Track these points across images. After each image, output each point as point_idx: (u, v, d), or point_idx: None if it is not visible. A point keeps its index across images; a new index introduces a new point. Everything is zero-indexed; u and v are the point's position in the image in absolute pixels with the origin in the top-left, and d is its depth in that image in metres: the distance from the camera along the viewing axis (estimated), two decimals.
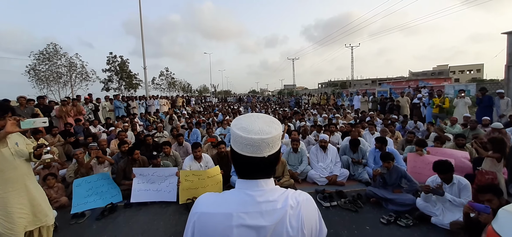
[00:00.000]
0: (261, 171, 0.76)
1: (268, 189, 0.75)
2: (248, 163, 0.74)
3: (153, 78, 32.05)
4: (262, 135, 0.72)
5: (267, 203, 0.72)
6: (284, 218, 0.71)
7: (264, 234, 0.70)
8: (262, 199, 0.73)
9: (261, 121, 0.77)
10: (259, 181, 0.75)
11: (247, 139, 0.72)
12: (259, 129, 0.73)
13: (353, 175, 4.54)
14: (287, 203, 0.73)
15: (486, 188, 2.46)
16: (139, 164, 4.23)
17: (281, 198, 0.74)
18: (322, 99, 18.35)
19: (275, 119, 0.81)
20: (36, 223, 2.16)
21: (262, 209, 0.72)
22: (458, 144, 4.50)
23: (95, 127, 7.47)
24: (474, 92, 15.84)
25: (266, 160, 0.74)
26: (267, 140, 0.72)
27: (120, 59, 22.56)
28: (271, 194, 0.75)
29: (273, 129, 0.75)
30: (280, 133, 0.77)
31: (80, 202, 3.65)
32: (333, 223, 3.09)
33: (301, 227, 0.73)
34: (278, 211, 0.72)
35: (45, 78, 16.83)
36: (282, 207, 0.72)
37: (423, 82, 26.57)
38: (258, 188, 0.74)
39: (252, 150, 0.72)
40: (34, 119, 2.06)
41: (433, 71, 50.98)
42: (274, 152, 0.76)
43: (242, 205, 0.72)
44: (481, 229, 2.23)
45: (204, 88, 56.91)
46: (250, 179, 0.76)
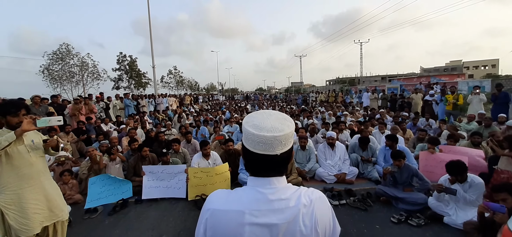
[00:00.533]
0: (273, 169, 0.75)
1: (281, 187, 0.74)
2: (260, 161, 0.73)
3: (162, 76, 32.54)
4: (274, 132, 0.71)
5: (279, 201, 0.71)
6: (297, 216, 0.71)
7: (276, 232, 0.70)
8: (275, 197, 0.72)
9: (273, 118, 0.76)
10: (271, 179, 0.74)
11: (259, 136, 0.71)
12: (271, 126, 0.72)
13: (363, 173, 4.48)
14: (300, 201, 0.72)
15: (501, 187, 2.38)
16: (148, 161, 4.31)
17: (294, 196, 0.73)
18: (331, 97, 18.14)
19: (288, 116, 0.80)
20: (53, 218, 2.23)
21: (274, 207, 0.71)
22: (474, 142, 4.36)
23: (106, 125, 7.65)
24: (489, 88, 15.30)
25: (278, 158, 0.73)
26: (280, 138, 0.72)
27: (130, 59, 22.98)
28: (283, 192, 0.74)
29: (286, 126, 0.74)
30: (292, 130, 0.76)
31: (94, 198, 3.77)
32: (342, 222, 3.05)
33: (315, 225, 0.72)
34: (291, 209, 0.71)
35: (59, 77, 17.34)
36: (295, 206, 0.71)
37: (435, 78, 25.80)
38: (271, 186, 0.73)
39: (265, 147, 0.72)
40: (50, 117, 2.12)
41: (445, 67, 49.44)
42: (286, 150, 0.75)
43: (255, 203, 0.71)
44: (496, 230, 2.17)
45: (211, 86, 57.28)
46: (262, 176, 0.75)
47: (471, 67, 48.48)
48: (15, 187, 2.03)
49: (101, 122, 7.59)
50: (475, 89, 7.56)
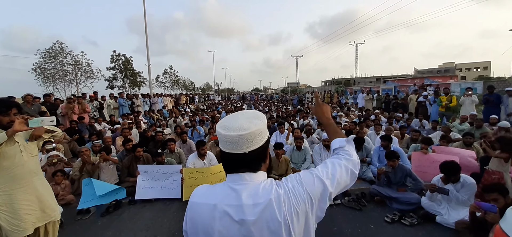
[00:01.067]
0: (244, 166, 0.76)
1: (252, 183, 0.76)
2: (230, 159, 0.77)
3: (157, 76, 32.27)
4: (239, 131, 0.73)
5: (248, 198, 0.73)
6: (266, 211, 0.71)
7: (245, 227, 0.71)
8: (245, 194, 0.74)
9: (243, 117, 0.78)
10: (243, 174, 0.76)
11: (225, 136, 0.75)
12: (238, 126, 0.74)
13: None
14: (269, 196, 0.72)
15: (492, 188, 2.43)
16: (143, 161, 4.27)
17: (264, 192, 0.74)
18: (326, 97, 18.25)
19: (260, 114, 0.82)
20: (45, 218, 2.18)
21: (243, 203, 0.72)
22: (466, 142, 4.44)
23: (100, 125, 7.55)
24: (481, 90, 15.60)
25: (247, 157, 0.75)
26: (245, 136, 0.73)
27: (124, 58, 22.73)
28: (254, 188, 0.75)
29: (253, 125, 0.75)
30: (260, 128, 0.76)
31: (87, 200, 3.72)
32: (336, 221, 3.08)
33: (285, 218, 0.71)
34: (259, 206, 0.72)
35: (51, 76, 17.06)
36: (263, 202, 0.72)
37: (428, 80, 26.23)
38: (242, 182, 0.76)
39: (232, 146, 0.75)
40: (42, 118, 2.08)
41: (439, 68, 50.24)
42: (255, 148, 0.76)
43: (226, 198, 0.74)
44: (487, 229, 2.20)
45: (207, 86, 57.08)
46: (234, 173, 0.78)
47: (463, 69, 49.36)
48: (6, 188, 1.99)
49: (94, 122, 7.48)
50: (468, 90, 7.70)
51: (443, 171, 2.97)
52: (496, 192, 2.34)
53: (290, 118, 8.69)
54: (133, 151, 4.32)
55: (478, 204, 2.33)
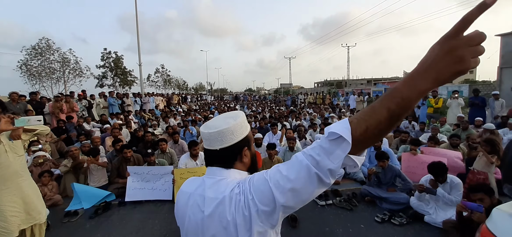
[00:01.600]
0: (216, 162, 0.81)
1: (219, 178, 0.78)
2: (206, 155, 0.84)
3: (149, 75, 31.78)
4: (210, 129, 0.79)
5: (210, 190, 0.76)
6: (218, 208, 0.71)
7: (204, 218, 0.74)
8: (209, 186, 0.78)
9: (222, 117, 0.84)
10: (214, 168, 0.82)
11: (203, 134, 0.82)
12: (213, 124, 0.81)
13: (348, 174, 4.57)
14: (224, 194, 0.71)
15: (478, 188, 2.51)
16: (133, 162, 4.18)
17: (224, 188, 0.73)
18: (318, 99, 18.43)
19: (238, 113, 0.85)
20: (30, 221, 2.12)
21: (206, 195, 0.76)
22: (452, 144, 4.57)
23: (89, 124, 7.36)
24: (467, 93, 16.13)
25: (218, 153, 0.80)
26: (214, 134, 0.79)
27: (115, 55, 22.27)
28: (219, 183, 0.77)
29: (224, 123, 0.79)
30: (231, 128, 0.78)
31: (77, 202, 3.62)
32: (328, 221, 3.11)
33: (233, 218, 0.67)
34: (216, 200, 0.72)
35: (38, 73, 16.51)
36: (220, 198, 0.72)
37: None
38: (212, 176, 0.81)
39: (207, 143, 0.81)
40: (29, 117, 2.01)
41: None
42: (227, 145, 0.78)
43: (199, 188, 0.80)
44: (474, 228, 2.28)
45: (200, 86, 56.66)
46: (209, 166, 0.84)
47: None
48: None
49: (83, 121, 7.29)
50: (454, 93, 7.95)
51: (431, 172, 3.05)
52: (482, 192, 2.42)
53: (283, 119, 8.73)
54: (120, 152, 4.23)
55: (465, 204, 2.40)
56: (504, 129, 5.66)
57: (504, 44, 16.20)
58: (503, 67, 15.90)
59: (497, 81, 16.65)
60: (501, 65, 16.13)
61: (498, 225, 1.21)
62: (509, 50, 15.84)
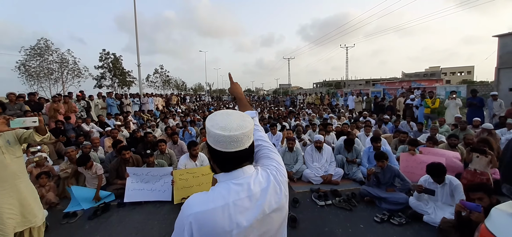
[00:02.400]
0: (246, 160, 0.84)
1: (252, 173, 0.85)
2: (234, 157, 0.82)
3: (148, 75, 31.72)
4: (242, 130, 0.80)
5: (255, 185, 0.81)
6: (271, 192, 0.83)
7: (260, 211, 0.80)
8: (251, 183, 0.81)
9: (234, 117, 0.84)
10: (244, 168, 0.84)
11: (230, 137, 0.79)
12: (237, 125, 0.81)
13: (348, 174, 4.58)
14: (270, 179, 0.85)
15: (477, 187, 2.52)
16: (132, 163, 4.17)
17: (263, 177, 0.85)
18: (316, 99, 18.44)
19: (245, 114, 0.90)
20: (25, 224, 2.10)
21: (253, 192, 0.80)
22: (451, 144, 4.59)
23: (88, 125, 7.33)
24: (465, 94, 16.21)
25: (247, 151, 0.83)
26: (247, 133, 0.81)
27: (113, 56, 22.22)
28: (256, 176, 0.84)
29: (247, 122, 0.84)
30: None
31: (76, 203, 3.60)
32: (328, 221, 3.11)
33: (282, 189, 0.86)
34: (266, 189, 0.82)
35: (36, 74, 16.46)
36: (267, 185, 0.83)
37: (415, 83, 27.02)
38: (245, 175, 0.83)
39: (237, 145, 0.80)
40: (25, 118, 2.00)
41: (425, 72, 51.87)
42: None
43: (235, 194, 0.79)
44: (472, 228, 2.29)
45: (199, 86, 56.58)
46: (234, 170, 0.83)
47: (448, 73, 51.18)
48: None
49: (82, 122, 7.26)
50: (452, 94, 7.99)
51: (429, 173, 3.06)
52: (482, 192, 2.43)
53: (282, 119, 8.74)
54: (119, 153, 4.20)
55: (464, 203, 2.41)
56: (502, 129, 5.70)
57: (502, 45, 16.30)
58: (500, 68, 15.99)
59: (494, 81, 16.75)
60: (498, 65, 16.22)
61: (497, 225, 1.22)
62: (506, 51, 15.94)
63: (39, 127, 2.09)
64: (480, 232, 1.28)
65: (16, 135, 2.09)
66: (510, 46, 15.78)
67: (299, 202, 3.59)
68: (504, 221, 1.22)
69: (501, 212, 1.26)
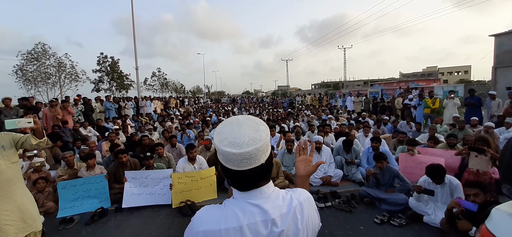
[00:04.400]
0: (262, 178, 0.73)
1: (271, 194, 0.74)
2: (248, 175, 0.70)
3: (145, 79, 31.66)
4: (255, 144, 0.68)
5: (274, 209, 0.71)
6: (292, 220, 0.71)
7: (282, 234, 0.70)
8: (269, 206, 0.71)
9: (246, 127, 0.72)
10: (262, 188, 0.73)
11: (241, 154, 0.67)
12: (249, 138, 0.69)
13: (347, 175, 4.57)
14: (292, 205, 0.73)
15: (473, 184, 2.52)
16: (130, 167, 4.13)
17: (285, 201, 0.74)
18: (314, 100, 18.44)
19: (259, 119, 0.77)
20: (27, 229, 2.07)
21: (271, 216, 0.70)
22: (450, 144, 4.60)
23: (86, 129, 7.29)
24: (462, 93, 16.29)
25: (264, 166, 0.72)
26: (262, 148, 0.69)
27: (111, 60, 22.18)
28: (276, 198, 0.74)
29: (262, 132, 0.72)
30: (268, 133, 0.74)
31: (67, 206, 3.54)
32: (327, 223, 3.09)
33: (306, 225, 0.74)
34: (286, 215, 0.71)
35: (33, 78, 16.38)
36: (288, 211, 0.72)
37: (413, 83, 27.15)
38: (263, 196, 0.72)
39: (250, 162, 0.68)
40: (19, 119, 1.96)
41: (422, 72, 52.15)
42: (269, 154, 0.74)
43: (251, 216, 0.69)
44: None
45: (197, 89, 56.52)
46: (252, 189, 0.73)
47: (445, 73, 51.52)
48: None
49: (80, 126, 7.22)
50: (450, 94, 8.01)
51: (429, 174, 3.05)
52: (478, 188, 2.43)
53: (280, 121, 8.73)
54: (116, 157, 4.16)
55: (460, 201, 2.41)
56: (500, 128, 5.71)
57: (498, 44, 16.42)
58: (497, 67, 16.09)
59: (491, 80, 16.85)
60: (495, 65, 16.33)
61: (498, 225, 1.21)
62: (503, 50, 16.06)
63: (36, 130, 2.05)
64: (481, 233, 1.27)
65: (13, 139, 2.06)
66: (506, 45, 15.90)
67: None
68: (504, 221, 1.20)
69: (502, 212, 1.25)
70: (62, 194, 3.58)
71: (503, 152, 1.31)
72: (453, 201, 2.47)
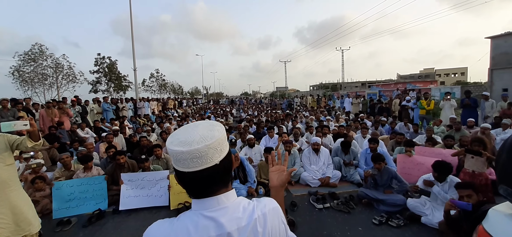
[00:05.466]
0: (219, 182, 0.68)
1: (230, 204, 0.68)
2: (201, 178, 0.65)
3: (144, 80, 31.56)
4: (206, 141, 0.64)
5: (231, 222, 0.65)
6: (251, 233, 0.66)
7: None
8: (225, 219, 0.65)
9: (200, 128, 0.69)
10: (219, 197, 0.67)
11: (191, 152, 0.63)
12: (200, 137, 0.65)
13: (345, 176, 4.58)
14: (253, 216, 0.67)
15: (466, 185, 2.55)
16: (127, 169, 4.11)
17: (246, 212, 0.68)
18: (312, 102, 18.49)
19: (218, 123, 0.74)
20: (19, 232, 2.05)
21: (226, 230, 0.64)
22: (447, 145, 4.63)
23: (83, 131, 7.24)
24: (459, 95, 16.43)
25: (219, 167, 0.66)
26: (214, 145, 0.65)
27: (109, 60, 22.09)
28: (234, 210, 0.68)
29: (216, 131, 0.68)
30: (224, 134, 0.70)
31: (62, 207, 3.51)
32: (326, 224, 3.09)
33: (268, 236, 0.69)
34: (245, 228, 0.66)
35: (30, 79, 16.27)
36: (248, 223, 0.66)
37: (410, 85, 27.32)
38: (220, 206, 0.66)
39: (201, 162, 0.64)
40: (15, 121, 1.95)
41: (420, 74, 52.49)
42: (225, 155, 0.69)
43: (204, 231, 0.63)
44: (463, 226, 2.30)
45: (195, 90, 56.46)
46: (207, 197, 0.67)
47: (442, 75, 51.88)
48: None
49: (77, 127, 7.17)
50: (447, 95, 8.08)
51: (435, 168, 3.07)
52: (470, 189, 2.46)
53: (279, 122, 8.74)
54: (113, 159, 4.14)
55: (453, 202, 2.43)
56: (497, 130, 5.76)
57: (495, 46, 16.58)
58: (493, 69, 16.24)
59: (488, 82, 17.01)
60: (491, 66, 16.48)
61: (495, 226, 1.22)
62: (499, 52, 16.22)
63: (33, 133, 2.04)
64: (478, 233, 1.28)
65: (8, 141, 2.05)
66: (502, 47, 16.07)
67: (297, 205, 3.57)
68: (501, 222, 1.22)
69: (499, 213, 1.27)
70: (56, 195, 3.54)
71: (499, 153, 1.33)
72: (447, 203, 2.50)
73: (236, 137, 6.63)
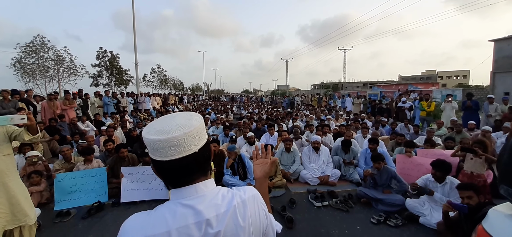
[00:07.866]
0: (197, 171, 0.68)
1: (209, 192, 0.69)
2: (180, 167, 0.65)
3: (145, 75, 31.58)
4: (184, 129, 0.65)
5: (209, 209, 0.66)
6: (231, 219, 0.67)
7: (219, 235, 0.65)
8: (203, 206, 0.65)
9: (178, 118, 0.69)
10: (197, 185, 0.68)
11: (168, 140, 0.63)
12: (178, 125, 0.65)
13: (345, 175, 4.58)
14: (232, 203, 0.68)
15: (466, 186, 2.54)
16: (128, 162, 4.12)
17: (225, 199, 0.69)
18: (313, 101, 18.47)
19: (194, 113, 0.75)
20: (15, 222, 2.06)
21: (205, 217, 0.64)
22: (447, 146, 4.63)
23: (84, 123, 7.26)
24: (460, 97, 16.39)
25: (198, 156, 0.67)
26: (192, 133, 0.65)
27: (111, 54, 22.09)
28: (213, 197, 0.68)
29: (194, 120, 0.69)
30: (202, 123, 0.70)
31: (63, 198, 3.53)
32: (324, 222, 3.10)
33: (249, 224, 0.69)
34: (224, 214, 0.66)
35: (31, 71, 16.29)
36: (227, 209, 0.67)
37: (412, 86, 27.26)
38: (198, 194, 0.67)
39: (179, 150, 0.64)
40: (12, 115, 1.93)
41: (421, 76, 52.39)
42: (203, 144, 0.69)
43: (182, 219, 0.63)
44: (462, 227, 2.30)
45: (197, 86, 56.45)
46: (185, 185, 0.67)
47: (444, 77, 51.73)
48: None
49: (78, 120, 7.18)
50: (448, 97, 8.06)
51: (434, 166, 3.07)
52: (471, 190, 2.45)
53: (279, 120, 8.73)
54: (117, 152, 4.16)
55: (451, 203, 2.43)
56: (498, 133, 5.75)
57: (497, 50, 16.52)
58: (496, 72, 16.20)
59: (490, 85, 16.95)
60: (494, 70, 16.43)
61: (495, 226, 1.22)
62: (502, 56, 16.16)
63: (31, 126, 2.04)
64: (477, 234, 1.28)
65: (7, 132, 2.05)
66: (505, 51, 16.00)
67: (295, 203, 3.58)
68: (501, 222, 1.22)
69: (499, 213, 1.26)
70: (58, 187, 3.56)
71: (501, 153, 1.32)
72: (445, 205, 2.50)
73: (237, 134, 6.63)
